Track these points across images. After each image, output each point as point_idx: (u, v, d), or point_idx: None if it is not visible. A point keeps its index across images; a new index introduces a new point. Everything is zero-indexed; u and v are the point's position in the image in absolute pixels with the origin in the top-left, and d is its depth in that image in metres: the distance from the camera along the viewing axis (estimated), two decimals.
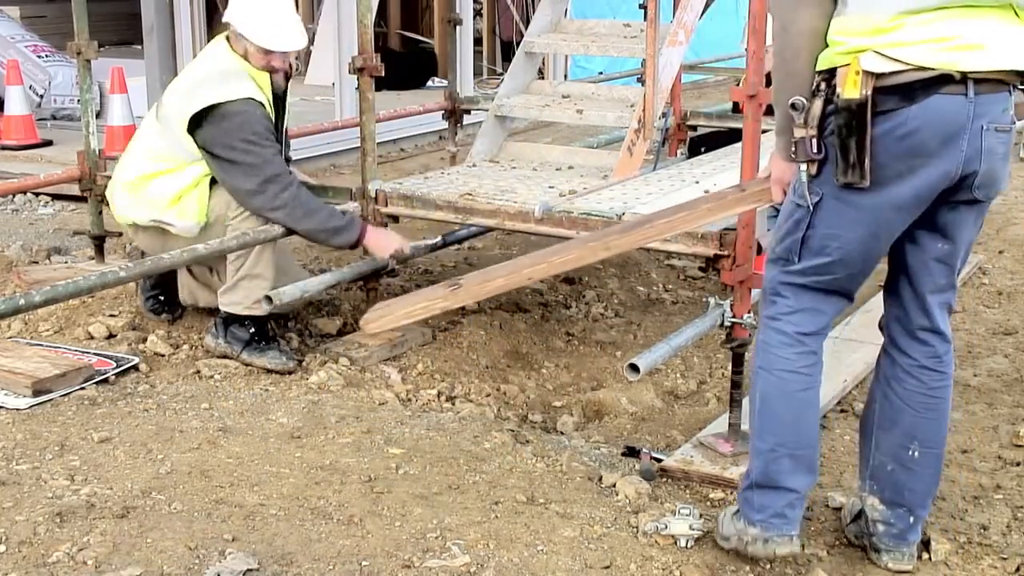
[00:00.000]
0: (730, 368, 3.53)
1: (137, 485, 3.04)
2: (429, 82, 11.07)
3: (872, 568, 2.84)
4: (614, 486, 3.17)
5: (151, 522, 2.84)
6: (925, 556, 2.86)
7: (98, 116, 6.16)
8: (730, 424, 3.49)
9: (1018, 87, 2.49)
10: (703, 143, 5.76)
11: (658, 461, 3.39)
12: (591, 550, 2.79)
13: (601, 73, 9.77)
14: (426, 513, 2.93)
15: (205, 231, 4.16)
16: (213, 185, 4.13)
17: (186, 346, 4.28)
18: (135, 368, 4.00)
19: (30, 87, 8.62)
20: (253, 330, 4.11)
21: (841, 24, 2.45)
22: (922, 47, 2.37)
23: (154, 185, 4.14)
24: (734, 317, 3.40)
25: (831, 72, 2.46)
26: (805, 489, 2.76)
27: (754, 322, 3.27)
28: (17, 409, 3.57)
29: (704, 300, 3.61)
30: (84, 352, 4.11)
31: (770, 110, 3.26)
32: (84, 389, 3.76)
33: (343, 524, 2.87)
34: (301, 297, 4.04)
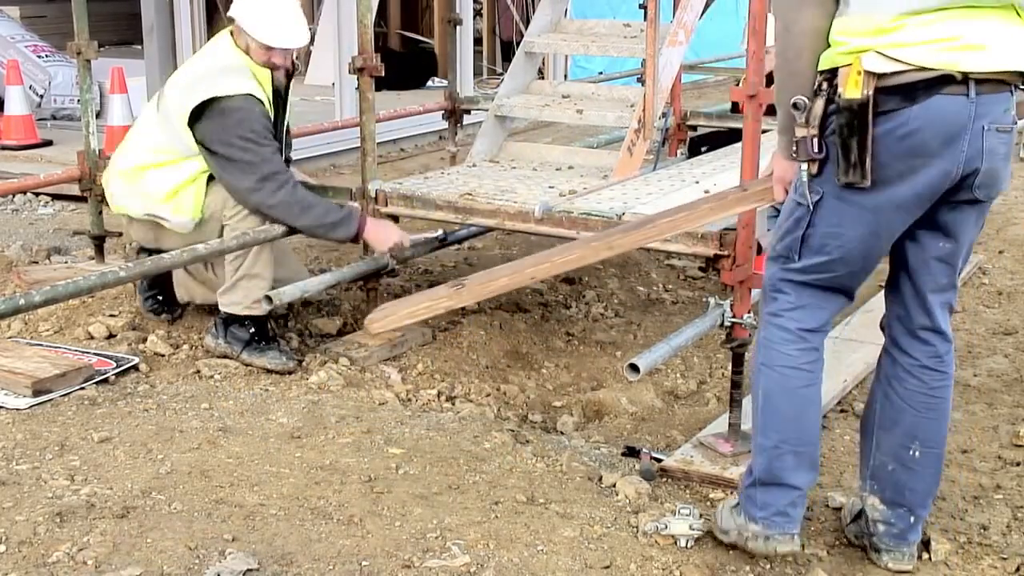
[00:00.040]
0: (730, 368, 3.53)
1: (137, 485, 3.04)
2: (429, 82, 11.07)
3: (872, 568, 2.84)
4: (614, 486, 3.17)
5: (151, 522, 2.84)
6: (925, 556, 2.86)
7: (98, 116, 6.16)
8: (730, 424, 3.49)
9: (1019, 87, 2.50)
10: (703, 143, 5.76)
11: (658, 461, 3.38)
12: (591, 550, 2.79)
13: (601, 73, 9.77)
14: (426, 513, 2.93)
15: (199, 227, 4.17)
16: (210, 182, 4.13)
17: (186, 346, 4.28)
18: (135, 368, 4.00)
19: (30, 87, 8.61)
20: (253, 330, 4.11)
21: (843, 24, 2.45)
22: (923, 47, 2.37)
23: (150, 177, 4.14)
24: (734, 317, 3.40)
25: (833, 72, 2.46)
26: (807, 486, 2.77)
27: (754, 322, 3.27)
28: (17, 409, 3.57)
29: (704, 300, 3.61)
30: (84, 352, 4.11)
31: (770, 110, 3.26)
32: (84, 389, 3.76)
33: (343, 524, 2.87)
34: (301, 297, 4.07)
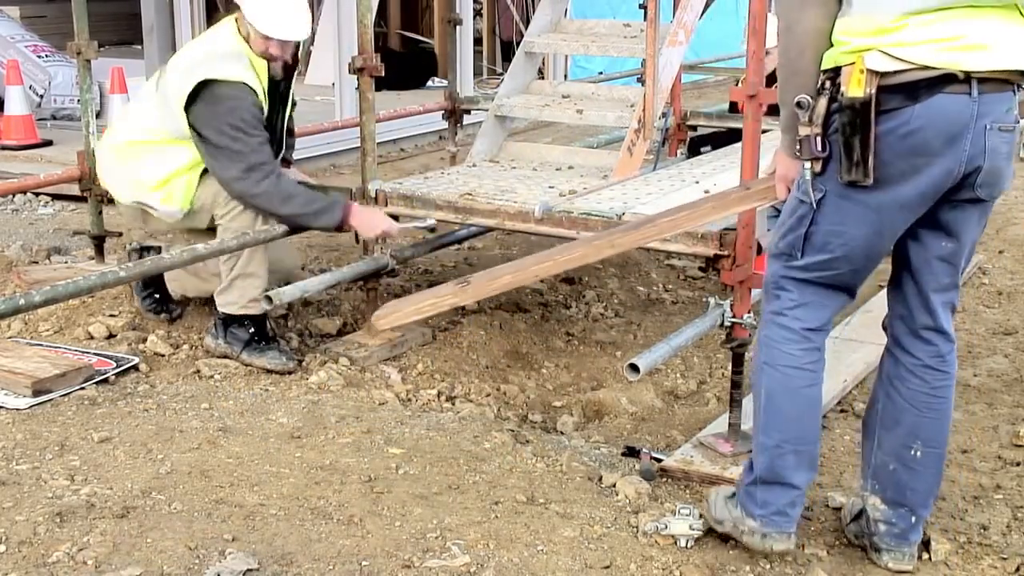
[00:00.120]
0: (730, 368, 3.53)
1: (137, 485, 3.04)
2: (429, 82, 11.07)
3: (872, 568, 2.83)
4: (614, 486, 3.17)
5: (151, 522, 2.84)
6: (925, 556, 2.86)
7: (98, 116, 6.15)
8: (730, 424, 3.49)
9: (1022, 86, 2.49)
10: (703, 143, 5.76)
11: (658, 461, 3.38)
12: (591, 550, 2.79)
13: (601, 73, 9.77)
14: (426, 513, 2.93)
15: (187, 218, 4.19)
16: (203, 175, 4.13)
17: (186, 346, 4.28)
18: (135, 368, 4.00)
19: (30, 87, 8.61)
20: (253, 330, 4.11)
21: (845, 24, 2.45)
22: (926, 47, 2.38)
23: (142, 162, 4.15)
24: (734, 317, 3.40)
25: (836, 71, 2.46)
26: (806, 485, 2.79)
27: (754, 322, 3.26)
28: (17, 409, 3.57)
29: (704, 300, 3.61)
30: (84, 352, 4.11)
31: (771, 110, 3.27)
32: (84, 389, 3.76)
33: (343, 524, 2.87)
34: (301, 297, 4.07)
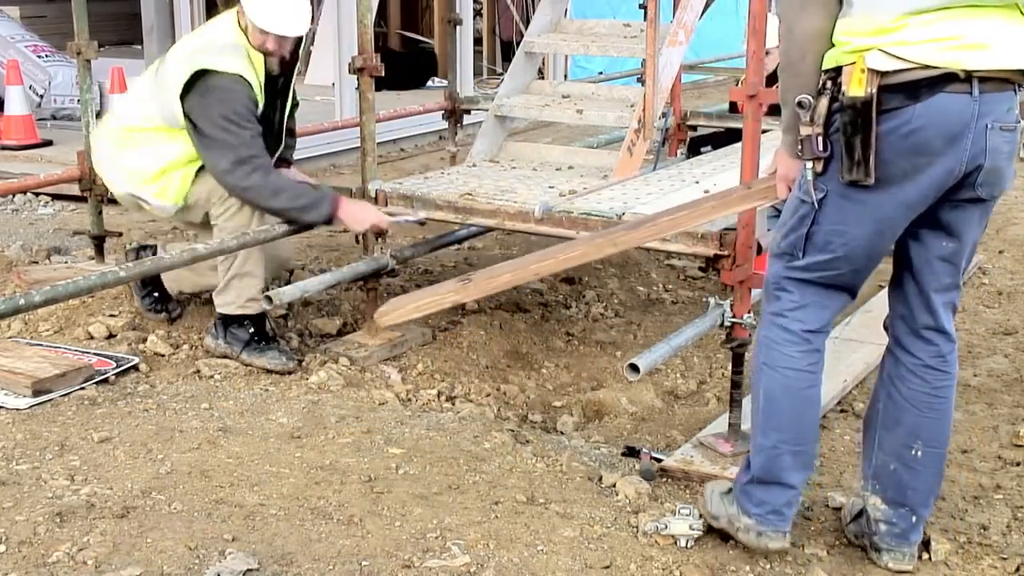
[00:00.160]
0: (730, 368, 3.53)
1: (137, 485, 3.04)
2: (429, 82, 11.07)
3: (872, 568, 2.84)
4: (614, 486, 3.17)
5: (151, 522, 2.84)
6: (925, 556, 2.86)
7: (98, 116, 6.09)
8: (730, 424, 3.49)
9: (1023, 86, 2.50)
10: (703, 143, 5.76)
11: (658, 461, 3.38)
12: (591, 550, 2.79)
13: (601, 73, 9.77)
14: (426, 513, 2.93)
15: (180, 213, 4.20)
16: (199, 171, 4.12)
17: (186, 346, 4.28)
18: (135, 368, 4.00)
19: (30, 87, 8.61)
20: (252, 330, 4.11)
21: (846, 25, 2.46)
22: (926, 46, 2.38)
23: (138, 152, 4.15)
24: (734, 317, 3.40)
25: (837, 71, 2.47)
26: (802, 484, 2.80)
27: (754, 322, 3.26)
28: (17, 409, 3.57)
29: (704, 300, 3.61)
30: (84, 352, 4.11)
31: (771, 110, 3.26)
32: (84, 389, 3.76)
33: (343, 524, 2.87)
34: (301, 297, 4.07)
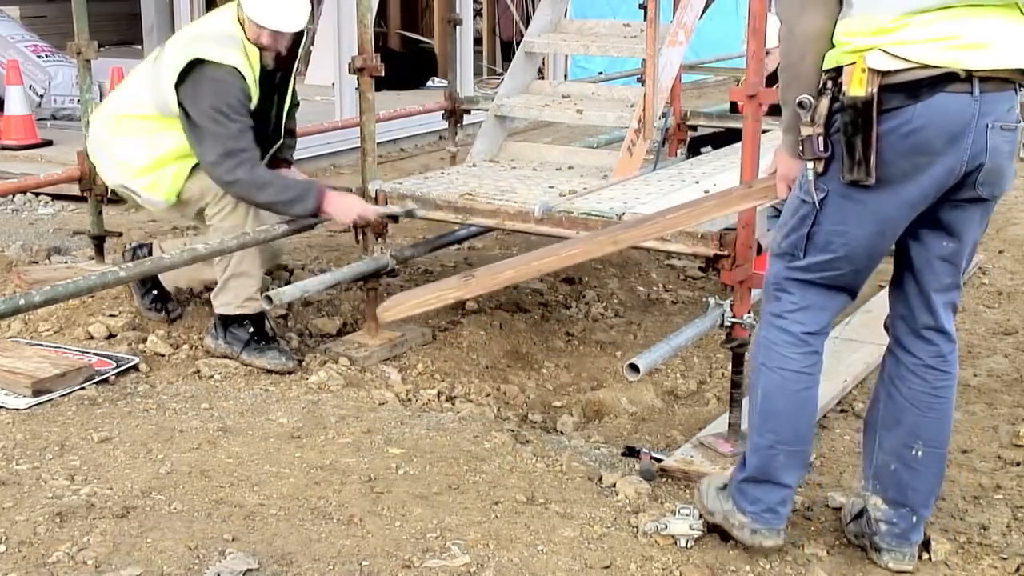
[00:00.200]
0: (730, 368, 3.53)
1: (137, 485, 3.04)
2: (429, 82, 11.07)
3: (872, 568, 2.83)
4: (614, 486, 3.17)
5: (151, 522, 2.84)
6: (925, 556, 2.86)
7: None
8: (730, 424, 3.49)
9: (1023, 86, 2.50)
10: (703, 143, 5.76)
11: (658, 461, 3.38)
12: (591, 550, 2.79)
13: (601, 73, 9.77)
14: (426, 513, 2.93)
15: (173, 209, 4.21)
16: (194, 168, 4.12)
17: (186, 346, 4.28)
18: (135, 368, 4.00)
19: (30, 87, 8.61)
20: (252, 330, 4.12)
21: (846, 25, 2.46)
22: (927, 45, 2.38)
23: (132, 141, 4.15)
24: (734, 317, 3.40)
25: (837, 71, 2.47)
26: (797, 483, 2.82)
27: (754, 322, 3.26)
28: (17, 409, 3.57)
29: (704, 300, 3.61)
30: (84, 352, 4.11)
31: (770, 110, 3.26)
32: (84, 389, 3.76)
33: (343, 524, 2.87)
34: (301, 297, 4.07)
